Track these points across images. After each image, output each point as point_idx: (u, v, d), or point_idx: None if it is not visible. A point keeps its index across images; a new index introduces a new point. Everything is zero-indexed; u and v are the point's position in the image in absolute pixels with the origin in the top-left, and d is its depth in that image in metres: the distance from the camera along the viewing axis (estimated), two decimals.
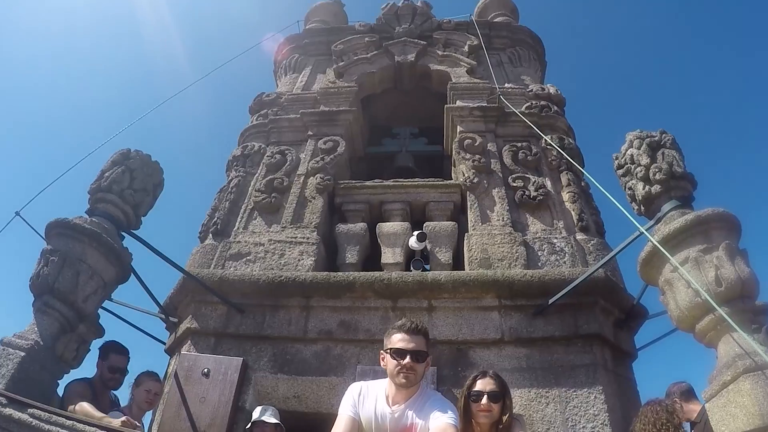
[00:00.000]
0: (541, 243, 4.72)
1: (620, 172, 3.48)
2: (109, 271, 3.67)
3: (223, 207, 5.57)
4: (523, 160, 5.54)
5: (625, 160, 3.40)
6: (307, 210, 5.43)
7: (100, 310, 3.94)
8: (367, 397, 2.34)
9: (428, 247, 5.02)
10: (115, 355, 3.68)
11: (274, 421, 3.58)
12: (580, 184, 5.27)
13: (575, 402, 3.70)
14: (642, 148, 3.25)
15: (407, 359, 2.17)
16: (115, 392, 3.82)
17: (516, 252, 4.62)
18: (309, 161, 5.81)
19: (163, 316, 4.99)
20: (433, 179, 5.69)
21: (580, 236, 4.83)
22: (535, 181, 5.24)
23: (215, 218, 5.46)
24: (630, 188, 3.37)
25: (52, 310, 3.25)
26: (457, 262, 5.02)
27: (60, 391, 3.44)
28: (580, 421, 3.62)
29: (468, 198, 5.30)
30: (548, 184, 5.29)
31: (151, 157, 4.31)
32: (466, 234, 4.94)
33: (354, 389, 2.42)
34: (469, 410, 2.45)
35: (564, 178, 5.34)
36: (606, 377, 3.86)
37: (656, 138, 3.27)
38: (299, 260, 4.89)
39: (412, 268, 4.78)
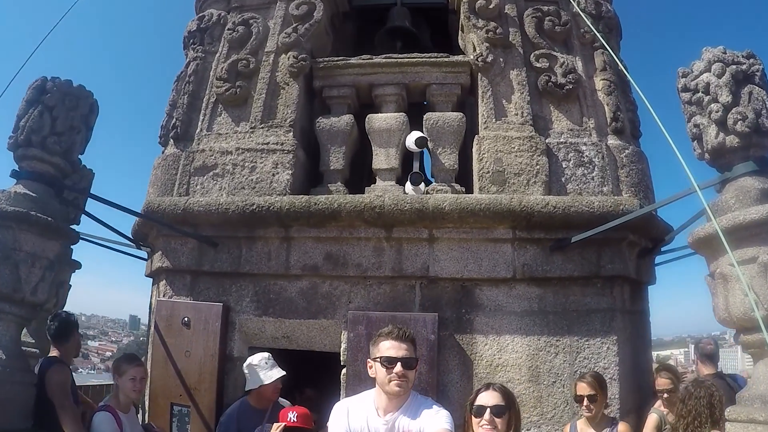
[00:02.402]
0: (567, 151, 4.10)
1: (686, 97, 2.72)
2: (52, 246, 3.24)
3: (182, 102, 4.72)
4: (549, 30, 4.47)
5: (698, 86, 2.61)
6: (279, 101, 4.61)
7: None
8: (355, 413, 2.31)
9: (430, 147, 4.46)
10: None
11: (281, 374, 3.49)
12: (616, 68, 4.35)
13: (586, 353, 3.59)
14: (723, 79, 2.46)
15: (398, 367, 2.19)
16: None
17: (537, 164, 4.05)
18: (279, 34, 4.75)
19: (133, 245, 4.73)
20: (435, 54, 4.74)
21: (612, 141, 4.16)
22: (563, 61, 4.33)
23: (174, 118, 4.70)
24: (696, 125, 2.67)
25: (5, 313, 2.96)
26: (464, 167, 4.52)
27: None
28: None
29: (479, 81, 4.48)
30: (579, 66, 4.36)
31: (72, 82, 3.50)
32: (476, 136, 4.27)
33: (340, 409, 2.37)
34: (472, 426, 2.38)
35: (598, 59, 4.38)
36: (622, 323, 3.68)
37: (743, 67, 2.47)
38: (274, 174, 4.32)
39: (409, 183, 4.31)
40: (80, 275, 4.80)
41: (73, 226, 4.01)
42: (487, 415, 2.21)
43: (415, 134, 4.28)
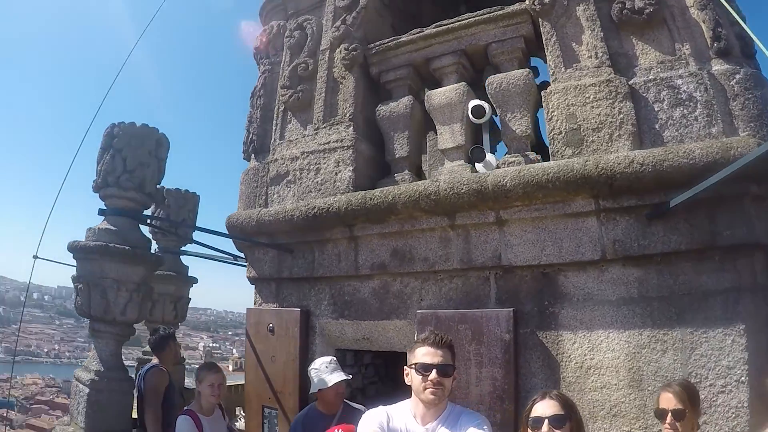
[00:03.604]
0: (658, 89, 3.18)
1: None
2: (136, 271, 3.80)
3: (256, 116, 5.00)
4: None
5: None
6: (339, 97, 4.56)
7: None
8: (394, 418, 2.25)
9: (498, 114, 3.94)
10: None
11: (343, 378, 3.54)
12: None
13: (703, 349, 2.74)
14: None
15: (434, 374, 2.14)
16: None
17: (619, 112, 3.25)
18: (330, 29, 4.76)
19: (231, 258, 5.23)
20: (487, 10, 4.07)
21: (717, 67, 3.08)
22: None
23: (251, 132, 5.04)
24: None
25: (102, 332, 3.60)
26: (541, 131, 3.88)
27: None
28: (707, 376, 2.72)
29: (542, 29, 3.75)
30: None
31: (136, 123, 4.03)
32: (542, 93, 3.62)
33: (379, 413, 2.29)
34: None
35: None
36: (752, 306, 2.75)
37: None
38: (336, 173, 4.31)
39: (471, 159, 3.87)
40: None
41: (188, 246, 4.63)
42: (544, 427, 2.07)
43: (472, 103, 3.83)
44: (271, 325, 4.27)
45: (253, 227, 4.45)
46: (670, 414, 2.35)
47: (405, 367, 2.28)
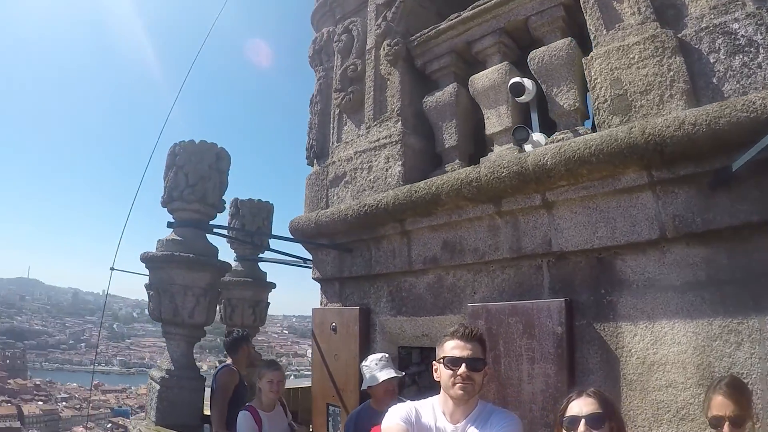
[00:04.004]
0: (712, 38, 2.66)
1: None
2: (202, 277, 4.16)
3: (314, 121, 5.19)
4: None
5: None
6: (387, 94, 4.55)
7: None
8: (422, 415, 2.18)
9: (544, 90, 3.63)
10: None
11: (392, 375, 3.54)
12: None
13: None
14: None
15: (463, 368, 2.05)
16: None
17: (669, 70, 2.78)
18: (373, 28, 4.76)
19: (301, 261, 5.45)
20: None
21: None
22: None
23: (311, 138, 5.24)
24: None
25: (172, 334, 4.00)
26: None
27: None
28: None
29: None
30: None
31: (195, 140, 4.41)
32: (583, 60, 3.25)
33: (405, 407, 2.22)
34: None
35: None
36: None
37: None
38: (387, 170, 4.29)
39: (514, 141, 3.61)
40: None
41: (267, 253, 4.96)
42: (581, 427, 1.87)
43: (511, 82, 3.58)
44: (333, 324, 4.38)
45: (313, 229, 4.60)
46: (727, 423, 1.99)
47: (433, 362, 2.19)
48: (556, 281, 3.24)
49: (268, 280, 6.68)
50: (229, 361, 4.31)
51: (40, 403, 57.49)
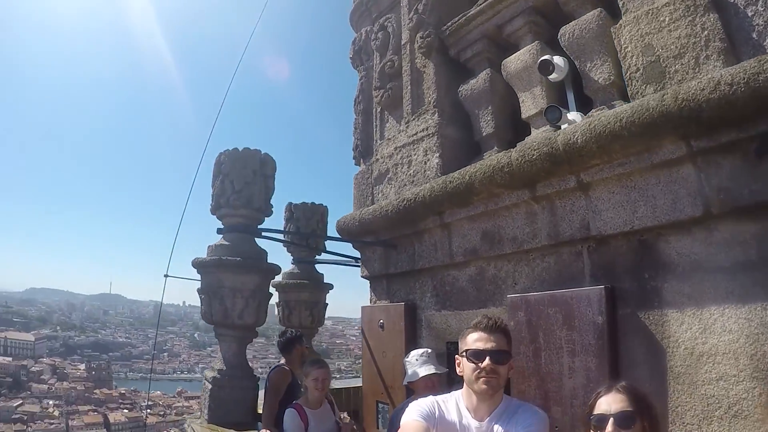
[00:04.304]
0: None
1: None
2: (250, 279, 4.37)
3: (358, 121, 5.25)
4: None
5: None
6: (424, 86, 4.47)
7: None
8: (445, 410, 2.10)
9: (578, 67, 3.39)
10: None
11: (432, 371, 3.49)
12: None
13: None
14: None
15: (486, 361, 1.95)
16: None
17: (702, 29, 2.46)
18: (407, 22, 4.71)
19: (354, 261, 5.51)
20: None
21: None
22: None
23: (356, 138, 5.31)
24: None
25: (224, 336, 4.23)
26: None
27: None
28: None
29: None
30: None
31: (239, 148, 4.62)
32: (612, 29, 2.98)
33: (426, 401, 2.14)
34: None
35: None
36: None
37: None
38: (425, 162, 4.23)
39: (548, 122, 3.39)
40: None
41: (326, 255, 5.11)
42: (609, 427, 1.73)
43: (539, 60, 3.38)
44: (381, 321, 4.39)
45: (357, 227, 4.64)
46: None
47: (456, 356, 2.12)
48: (597, 268, 3.02)
49: (328, 281, 6.86)
50: (282, 361, 4.46)
51: (126, 411, 62.25)
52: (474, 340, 2.01)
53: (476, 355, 1.97)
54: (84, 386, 67.97)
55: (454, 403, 2.08)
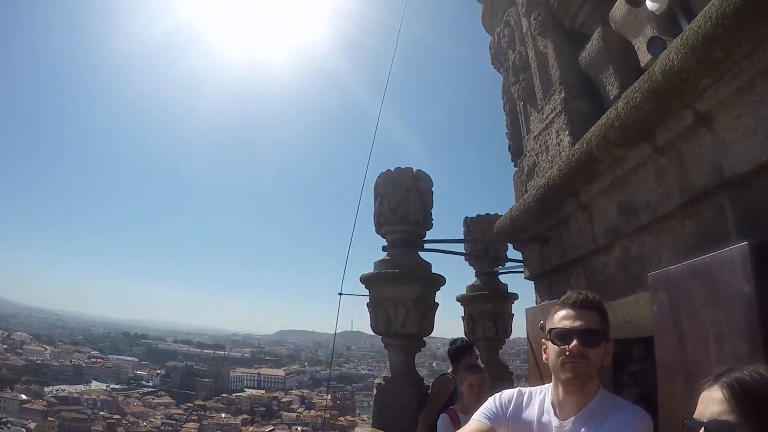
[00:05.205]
0: None
1: None
2: (412, 290, 4.55)
3: (507, 122, 5.13)
4: None
5: None
6: (550, 68, 4.12)
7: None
8: (526, 406, 1.85)
9: None
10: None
11: None
12: None
13: None
14: None
15: (574, 342, 1.62)
16: None
17: None
18: (522, 11, 4.41)
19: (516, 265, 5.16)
20: None
21: None
22: None
23: (509, 138, 5.13)
24: None
25: (390, 345, 4.49)
26: None
27: None
28: None
29: None
30: None
31: (392, 168, 4.96)
32: None
33: (506, 393, 1.91)
34: None
35: None
36: None
37: None
38: (559, 144, 3.80)
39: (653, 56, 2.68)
40: None
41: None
42: None
43: None
44: (541, 322, 3.98)
45: (509, 226, 4.40)
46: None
47: (543, 341, 1.80)
48: (743, 222, 2.27)
49: (512, 291, 6.52)
50: (450, 369, 4.44)
51: None
52: (560, 318, 1.70)
53: (562, 336, 1.64)
54: (329, 414, 76.14)
55: (541, 397, 1.79)
